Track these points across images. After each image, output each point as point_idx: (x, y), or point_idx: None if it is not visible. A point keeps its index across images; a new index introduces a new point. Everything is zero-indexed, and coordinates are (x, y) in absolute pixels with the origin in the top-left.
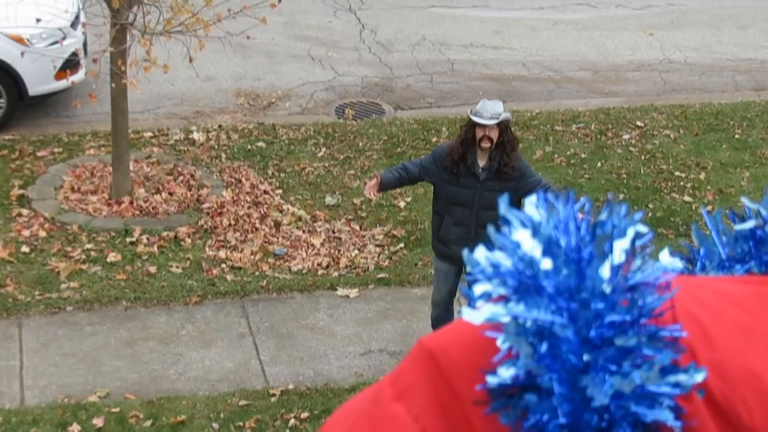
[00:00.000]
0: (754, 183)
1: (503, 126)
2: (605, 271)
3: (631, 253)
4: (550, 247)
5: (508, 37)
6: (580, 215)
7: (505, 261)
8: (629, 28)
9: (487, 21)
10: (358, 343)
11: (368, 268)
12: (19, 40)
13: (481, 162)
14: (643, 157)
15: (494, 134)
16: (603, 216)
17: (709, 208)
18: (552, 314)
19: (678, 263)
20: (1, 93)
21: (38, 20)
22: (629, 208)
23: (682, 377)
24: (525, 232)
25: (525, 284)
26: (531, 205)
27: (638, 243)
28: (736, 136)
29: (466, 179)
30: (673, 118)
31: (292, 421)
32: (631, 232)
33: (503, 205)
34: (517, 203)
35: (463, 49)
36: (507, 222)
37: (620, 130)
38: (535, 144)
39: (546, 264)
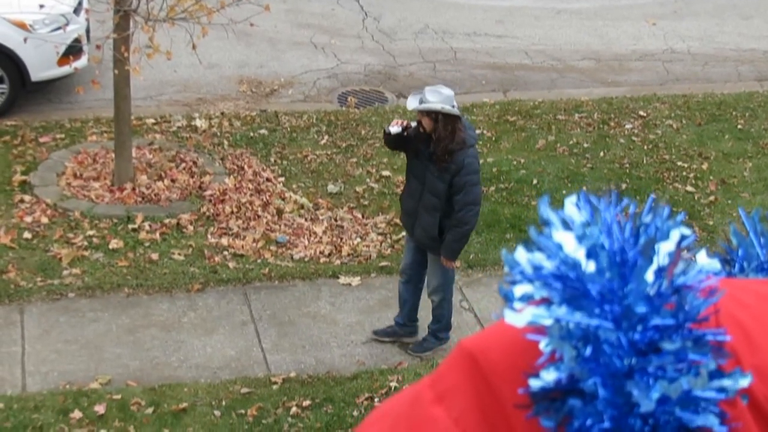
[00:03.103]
0: (757, 173)
1: (434, 116)
2: (650, 275)
3: (676, 256)
4: (593, 250)
5: (511, 26)
6: (623, 217)
7: (546, 263)
8: (632, 18)
9: (491, 10)
10: (360, 331)
11: (370, 256)
12: (22, 25)
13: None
14: (645, 147)
15: (425, 122)
16: (646, 218)
17: (712, 198)
18: (596, 318)
19: (716, 265)
20: (3, 79)
21: (41, 6)
22: (650, 203)
23: (727, 382)
24: (567, 234)
25: (568, 287)
26: (572, 205)
27: (682, 245)
28: (739, 126)
29: (422, 155)
30: (675, 108)
31: (293, 409)
32: (675, 235)
33: (543, 206)
34: (449, 197)
35: (467, 37)
36: (547, 223)
37: (623, 120)
38: (538, 133)
39: (590, 267)
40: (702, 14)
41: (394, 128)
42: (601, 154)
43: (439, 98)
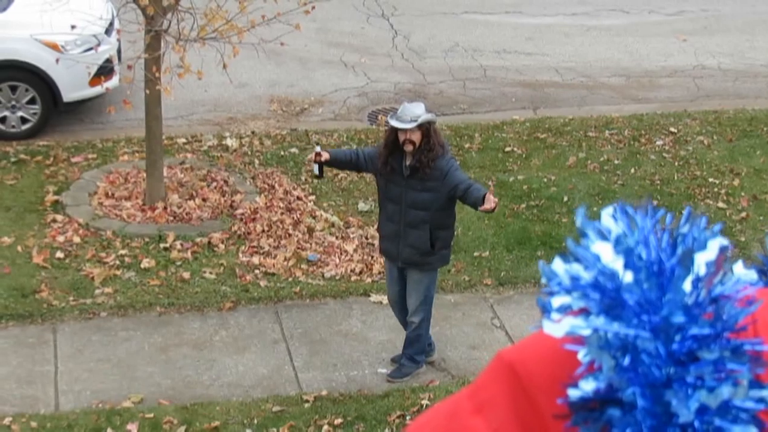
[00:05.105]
0: None
1: (425, 128)
2: (687, 285)
3: (715, 265)
4: (631, 260)
5: (541, 44)
6: (660, 227)
7: (584, 274)
8: (662, 34)
9: (520, 27)
10: (392, 349)
11: None
12: (53, 46)
13: (408, 161)
14: (676, 164)
15: (416, 137)
16: (683, 228)
17: (744, 214)
18: (634, 327)
19: (753, 275)
20: (35, 99)
21: (73, 27)
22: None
23: (765, 393)
24: (605, 245)
25: (606, 297)
26: (609, 216)
27: (720, 255)
28: None
29: (395, 176)
30: (706, 124)
31: (325, 427)
32: (713, 245)
33: (580, 217)
34: (443, 203)
35: (496, 55)
36: (584, 234)
37: (653, 136)
38: (568, 150)
39: (628, 277)
40: (732, 30)
41: (316, 168)
42: (632, 170)
43: (423, 109)
